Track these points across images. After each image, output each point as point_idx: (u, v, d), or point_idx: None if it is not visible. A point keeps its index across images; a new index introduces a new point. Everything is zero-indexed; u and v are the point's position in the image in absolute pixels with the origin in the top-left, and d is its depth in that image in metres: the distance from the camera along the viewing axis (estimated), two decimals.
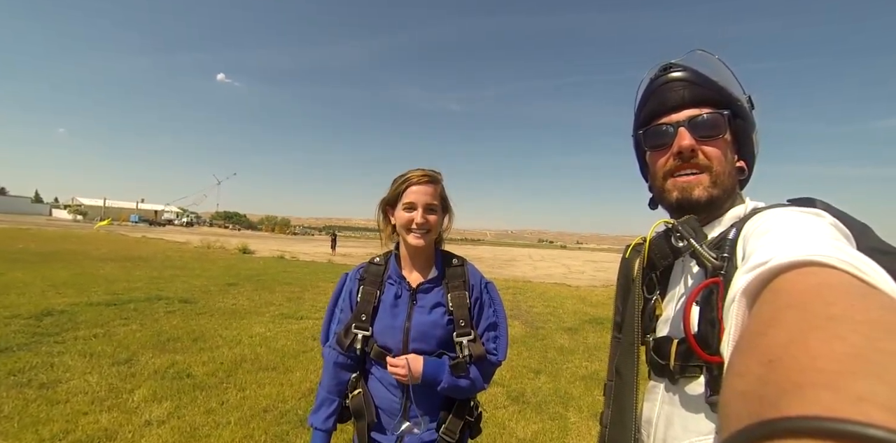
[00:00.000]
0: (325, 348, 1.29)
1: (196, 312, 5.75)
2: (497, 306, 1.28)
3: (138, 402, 2.91)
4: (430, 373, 1.14)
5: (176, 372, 3.50)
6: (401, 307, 1.22)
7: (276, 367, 3.85)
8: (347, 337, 1.20)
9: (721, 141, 0.72)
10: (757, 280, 0.38)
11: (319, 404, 1.25)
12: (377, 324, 1.21)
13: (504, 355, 1.24)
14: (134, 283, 7.80)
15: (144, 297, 6.47)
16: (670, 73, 0.75)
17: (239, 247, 18.58)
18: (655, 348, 0.73)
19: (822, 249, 0.37)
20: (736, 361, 0.29)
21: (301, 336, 4.95)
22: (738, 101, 0.73)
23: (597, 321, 7.00)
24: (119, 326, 4.79)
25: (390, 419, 1.20)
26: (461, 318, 1.19)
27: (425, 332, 1.19)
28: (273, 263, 13.95)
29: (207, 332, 4.82)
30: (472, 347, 1.17)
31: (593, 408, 3.39)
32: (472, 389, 1.19)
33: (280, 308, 6.51)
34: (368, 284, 1.25)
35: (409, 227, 1.19)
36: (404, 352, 1.18)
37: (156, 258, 12.77)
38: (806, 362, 0.23)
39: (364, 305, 1.22)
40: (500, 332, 1.26)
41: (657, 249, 0.73)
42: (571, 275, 17.27)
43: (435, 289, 1.24)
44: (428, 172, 1.23)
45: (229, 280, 8.98)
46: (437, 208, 1.22)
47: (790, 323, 0.28)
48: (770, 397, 0.22)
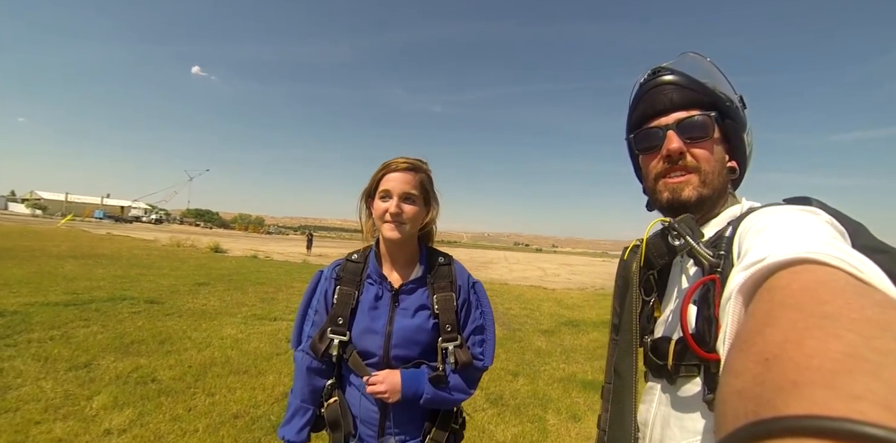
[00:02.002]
0: (297, 353, 1.18)
1: (163, 313, 5.50)
2: (485, 308, 1.21)
3: (97, 409, 2.73)
4: (409, 388, 1.07)
5: (140, 377, 3.32)
6: (381, 310, 1.12)
7: (247, 370, 3.71)
8: (322, 342, 1.11)
9: (709, 142, 0.73)
10: (753, 278, 0.38)
11: (292, 414, 1.15)
12: (355, 328, 1.12)
13: (491, 360, 1.18)
14: (96, 282, 7.40)
15: (107, 297, 6.15)
16: (659, 76, 0.76)
17: (210, 246, 18.02)
18: (653, 349, 0.72)
19: (818, 247, 0.37)
20: (732, 359, 0.29)
21: (274, 338, 4.80)
22: (728, 102, 0.74)
23: (573, 324, 7.09)
24: (78, 327, 4.52)
25: (369, 431, 1.12)
26: (447, 322, 1.11)
27: (408, 337, 1.11)
28: (246, 263, 13.58)
29: (175, 334, 4.61)
30: (458, 353, 1.10)
31: (571, 410, 3.41)
32: (456, 399, 1.13)
33: (252, 309, 6.31)
34: (346, 283, 1.15)
35: (384, 217, 1.10)
36: (385, 359, 1.10)
37: (121, 256, 12.21)
38: (802, 361, 0.23)
39: (341, 308, 1.12)
40: (488, 335, 1.18)
41: (654, 247, 0.73)
42: (547, 278, 17.51)
43: (419, 290, 1.15)
44: (410, 159, 1.15)
45: (200, 280, 8.66)
46: (416, 198, 1.13)
47: (786, 321, 0.28)
48: (766, 395, 0.22)
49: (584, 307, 9.16)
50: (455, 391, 1.11)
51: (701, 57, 0.78)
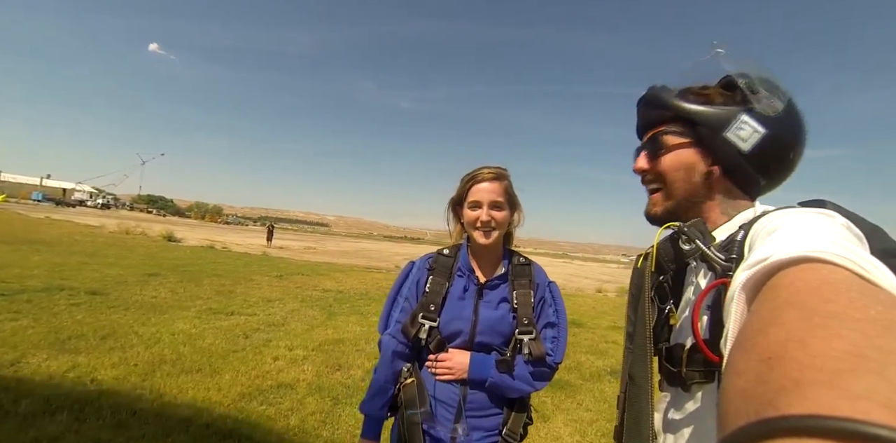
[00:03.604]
0: (384, 336, 1.26)
1: (107, 306, 5.09)
2: (559, 307, 1.27)
3: (24, 415, 2.43)
4: (475, 369, 1.15)
5: (77, 377, 3.01)
6: (468, 301, 1.22)
7: (201, 369, 3.47)
8: (413, 326, 1.18)
9: (672, 154, 0.75)
10: (756, 276, 0.38)
11: (375, 392, 1.21)
12: (444, 315, 1.20)
13: (561, 357, 1.22)
14: (30, 270, 6.77)
15: (42, 286, 5.64)
16: (639, 100, 0.82)
17: (163, 234, 17.15)
18: (668, 357, 0.72)
19: (824, 246, 0.37)
20: (735, 359, 0.29)
21: (231, 334, 4.55)
22: (694, 112, 0.73)
23: None
24: (6, 320, 4.09)
25: (447, 413, 1.18)
26: (525, 316, 1.19)
27: (492, 326, 1.19)
28: (202, 253, 12.94)
29: (120, 328, 4.26)
30: (532, 345, 1.16)
31: (539, 409, 3.41)
32: (520, 388, 1.17)
33: (208, 302, 5.97)
34: (438, 274, 1.25)
35: (475, 225, 1.21)
36: (470, 343, 1.19)
37: (61, 243, 11.31)
38: (805, 360, 0.23)
39: (433, 296, 1.21)
40: (560, 333, 1.24)
41: (665, 252, 0.73)
42: None
43: (502, 285, 1.25)
44: (493, 169, 1.25)
45: (150, 270, 8.14)
46: (503, 205, 1.23)
47: (789, 321, 0.28)
48: (769, 395, 0.22)
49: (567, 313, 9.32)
50: (519, 380, 1.16)
51: (714, 52, 0.75)
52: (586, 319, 7.99)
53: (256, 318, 5.45)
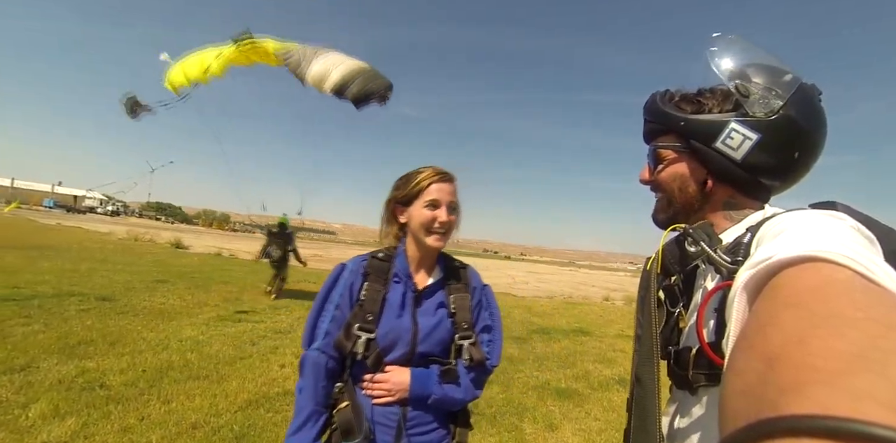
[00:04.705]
0: (310, 352, 1.09)
1: (116, 312, 5.13)
2: (493, 310, 1.24)
3: (34, 419, 2.45)
4: (417, 386, 1.06)
5: (86, 382, 3.03)
6: (406, 309, 1.14)
7: (208, 375, 3.48)
8: (349, 339, 1.05)
9: (668, 168, 0.77)
10: (758, 276, 0.38)
11: (305, 419, 1.04)
12: (383, 325, 1.09)
13: (497, 360, 1.20)
14: (41, 276, 6.85)
15: (53, 292, 5.70)
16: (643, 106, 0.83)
17: (171, 241, 17.28)
18: (676, 360, 0.71)
19: (827, 246, 0.36)
20: (735, 358, 0.29)
21: (238, 341, 4.56)
22: (681, 122, 0.74)
23: (544, 331, 7.12)
24: (17, 325, 4.13)
25: (386, 436, 1.07)
26: (463, 320, 1.15)
27: (431, 334, 1.12)
28: (210, 260, 13.03)
29: (128, 334, 4.29)
30: (472, 350, 1.12)
31: (547, 418, 3.38)
32: (464, 399, 1.13)
33: (216, 309, 6.00)
34: (373, 280, 1.13)
35: (431, 226, 1.13)
36: (411, 354, 1.10)
37: (71, 249, 11.45)
38: (805, 360, 0.23)
39: (371, 304, 1.10)
40: (495, 335, 1.22)
41: (671, 255, 0.72)
42: (516, 285, 17.61)
43: (438, 291, 1.19)
44: (446, 170, 1.20)
45: (158, 277, 8.21)
46: (458, 207, 1.19)
47: (790, 320, 0.28)
48: (770, 395, 0.22)
49: (554, 315, 9.25)
50: (465, 390, 1.12)
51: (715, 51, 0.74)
52: (594, 328, 7.91)
53: (264, 325, 5.47)
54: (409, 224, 1.17)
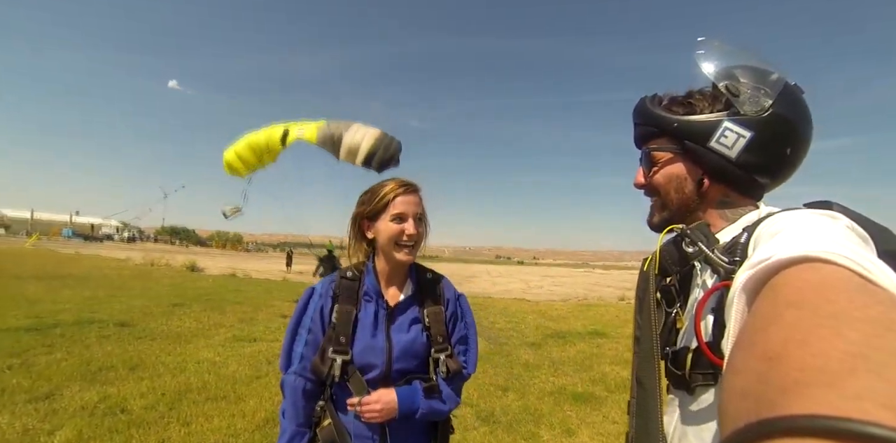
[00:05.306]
0: (287, 376, 1.12)
1: (135, 337, 5.23)
2: (468, 319, 1.25)
3: None
4: (404, 404, 1.07)
5: (108, 407, 3.10)
6: (379, 327, 1.13)
7: (226, 396, 3.52)
8: (325, 363, 1.07)
9: (663, 169, 0.77)
10: (757, 276, 0.38)
11: (288, 440, 1.07)
12: (357, 345, 1.10)
13: (474, 368, 1.22)
14: (62, 304, 7.02)
15: (73, 320, 5.83)
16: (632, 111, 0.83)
17: (186, 264, 17.49)
18: (673, 360, 0.71)
19: (825, 246, 0.36)
20: (735, 358, 0.29)
21: (254, 360, 4.60)
22: (673, 124, 0.74)
23: (559, 335, 7.05)
24: (40, 354, 4.24)
25: None
26: (439, 334, 1.15)
27: (407, 350, 1.13)
28: (224, 282, 13.17)
29: (147, 359, 4.37)
30: (448, 362, 1.13)
31: (565, 424, 3.35)
32: (448, 409, 1.15)
33: (231, 330, 6.06)
34: (343, 301, 1.13)
35: (400, 240, 1.12)
36: (387, 373, 1.10)
37: (90, 277, 11.68)
38: (805, 360, 0.23)
39: (343, 326, 1.10)
40: (471, 344, 1.23)
41: (668, 255, 0.72)
42: (530, 290, 17.50)
43: (412, 306, 1.18)
44: (410, 181, 1.18)
45: (174, 300, 8.32)
46: (424, 218, 1.19)
47: (790, 320, 0.28)
48: (769, 395, 0.22)
49: (569, 318, 9.16)
50: (447, 400, 1.14)
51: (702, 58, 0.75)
52: (609, 329, 7.80)
53: (279, 344, 5.45)
54: (377, 239, 1.15)
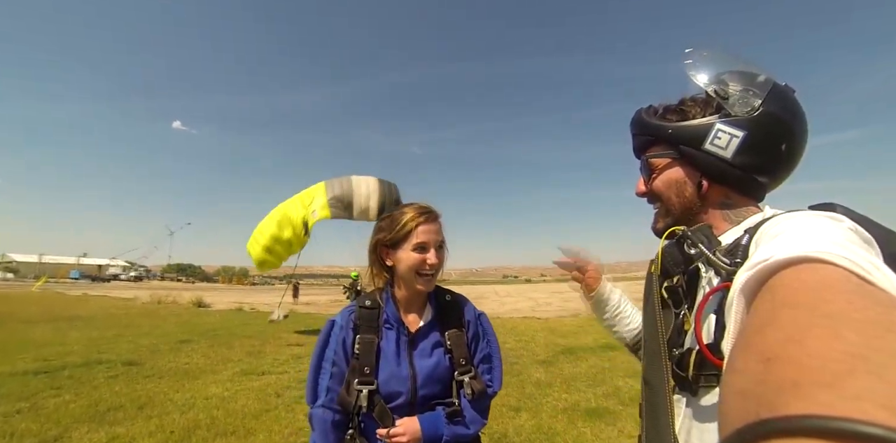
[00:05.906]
0: (315, 409, 1.11)
1: (143, 376, 5.20)
2: (490, 337, 1.25)
3: None
4: (429, 432, 1.07)
5: None
6: (402, 354, 1.13)
7: (235, 431, 3.48)
8: (351, 395, 1.07)
9: (662, 175, 0.79)
10: (756, 277, 0.37)
11: None
12: (381, 374, 1.10)
13: (499, 385, 1.21)
14: (69, 346, 7.02)
15: (81, 361, 5.82)
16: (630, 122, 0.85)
17: (193, 300, 17.40)
18: (678, 362, 0.71)
19: (825, 247, 0.37)
20: (734, 359, 0.29)
21: (263, 393, 4.55)
22: (669, 131, 0.76)
23: (570, 351, 6.93)
24: (49, 397, 4.23)
25: None
26: (461, 357, 1.15)
27: (431, 376, 1.13)
28: (231, 316, 13.11)
29: (156, 397, 4.34)
30: (472, 384, 1.12)
31: (579, 441, 3.28)
32: (473, 433, 1.14)
33: (239, 364, 6.01)
34: (364, 331, 1.12)
35: (422, 269, 1.12)
36: (412, 399, 1.10)
37: (97, 317, 11.67)
38: (803, 361, 0.23)
39: (366, 357, 1.09)
40: (495, 362, 1.23)
41: (670, 257, 0.74)
42: (539, 307, 17.23)
43: (433, 331, 1.18)
44: (431, 207, 1.17)
45: (182, 337, 8.28)
46: (444, 245, 1.17)
47: (788, 321, 0.28)
48: (768, 395, 0.22)
49: (580, 333, 9.01)
50: (472, 424, 1.13)
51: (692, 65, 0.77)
52: None
53: (287, 375, 5.44)
54: (397, 267, 1.14)
